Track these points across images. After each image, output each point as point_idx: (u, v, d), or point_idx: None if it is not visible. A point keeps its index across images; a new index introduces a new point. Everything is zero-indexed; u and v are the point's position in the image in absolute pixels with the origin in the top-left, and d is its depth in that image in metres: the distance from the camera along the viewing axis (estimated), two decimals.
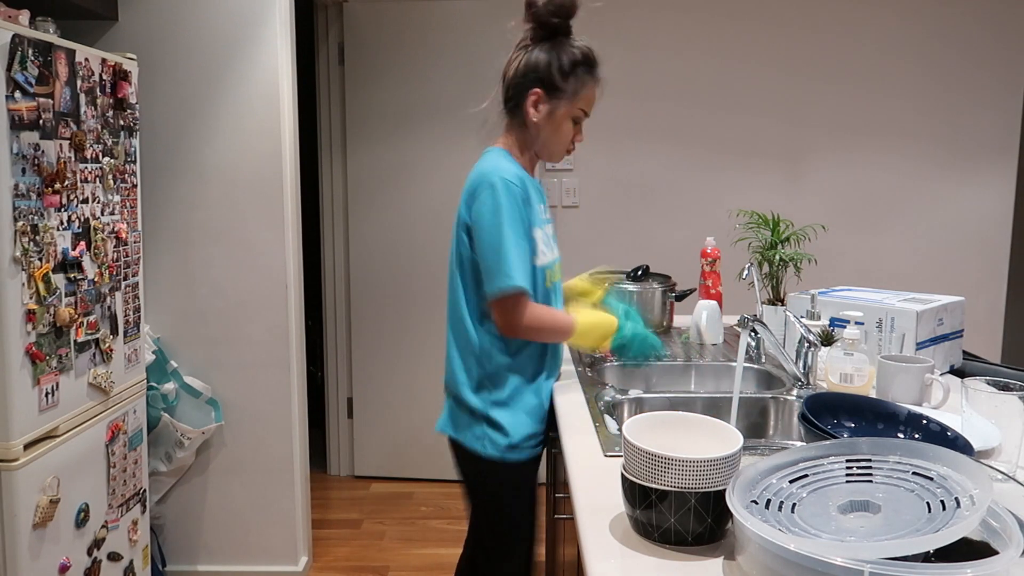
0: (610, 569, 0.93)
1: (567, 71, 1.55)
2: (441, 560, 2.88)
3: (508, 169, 1.54)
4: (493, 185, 1.51)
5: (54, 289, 1.83)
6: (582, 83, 1.57)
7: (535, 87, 1.57)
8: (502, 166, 1.55)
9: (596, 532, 1.02)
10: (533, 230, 1.57)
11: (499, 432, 1.59)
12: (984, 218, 3.49)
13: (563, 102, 1.57)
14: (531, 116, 1.59)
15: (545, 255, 1.61)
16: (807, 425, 1.18)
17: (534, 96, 1.57)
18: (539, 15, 1.56)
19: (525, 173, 1.61)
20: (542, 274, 1.61)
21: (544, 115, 1.58)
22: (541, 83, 1.56)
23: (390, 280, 3.46)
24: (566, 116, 1.59)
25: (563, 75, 1.55)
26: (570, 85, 1.56)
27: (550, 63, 1.55)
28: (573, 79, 1.56)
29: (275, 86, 2.48)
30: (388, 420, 3.54)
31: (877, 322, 1.76)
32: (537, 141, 1.62)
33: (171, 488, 2.61)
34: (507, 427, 1.59)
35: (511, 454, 1.60)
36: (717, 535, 0.98)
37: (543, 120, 1.59)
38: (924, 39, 3.39)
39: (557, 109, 1.58)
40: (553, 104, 1.57)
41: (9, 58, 1.65)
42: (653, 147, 3.46)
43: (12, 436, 1.73)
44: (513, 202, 1.50)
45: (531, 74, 1.57)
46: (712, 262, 2.24)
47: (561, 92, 1.56)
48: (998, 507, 0.86)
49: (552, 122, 1.59)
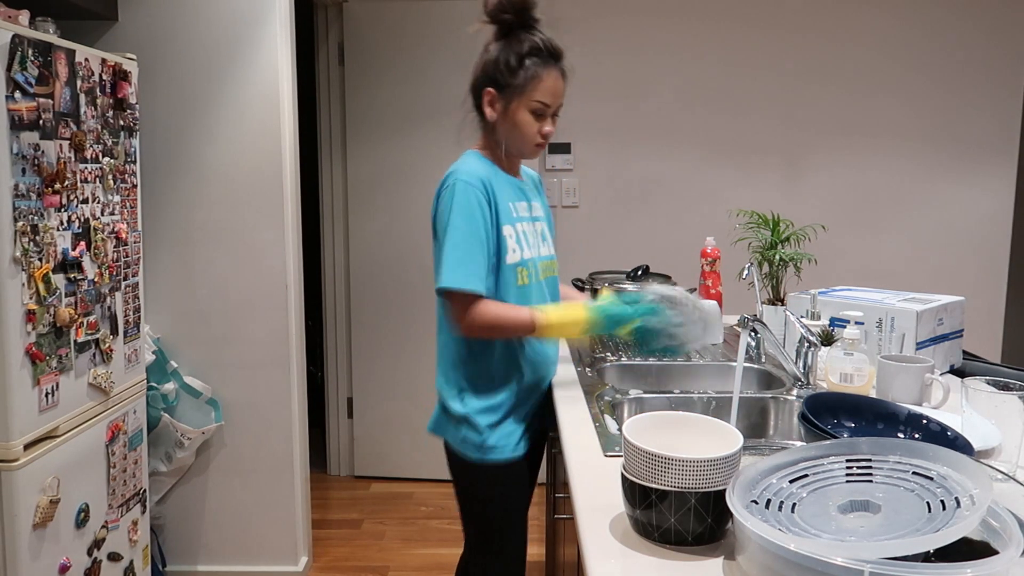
0: (610, 569, 0.93)
1: (514, 66, 1.55)
2: (441, 560, 2.88)
3: (469, 170, 1.55)
4: (450, 186, 1.53)
5: (54, 289, 1.83)
6: (533, 75, 1.55)
7: (487, 86, 1.58)
8: (464, 167, 1.55)
9: (596, 532, 1.02)
10: (501, 227, 1.56)
11: (475, 433, 1.60)
12: (984, 218, 3.49)
13: (515, 96, 1.56)
14: (488, 115, 1.60)
15: (516, 252, 1.59)
16: (807, 425, 1.18)
17: (487, 95, 1.59)
18: (491, 14, 1.57)
19: (494, 172, 1.60)
20: (512, 272, 1.59)
21: (499, 113, 1.59)
22: (492, 81, 1.57)
23: (390, 280, 3.46)
24: (520, 110, 1.57)
25: (511, 70, 1.55)
26: (519, 78, 1.55)
27: (498, 60, 1.56)
28: (522, 72, 1.55)
29: (275, 86, 2.48)
30: (388, 420, 3.54)
31: (877, 322, 1.76)
32: (500, 139, 1.61)
33: (171, 488, 2.61)
34: (482, 428, 1.60)
35: (490, 455, 1.60)
36: (717, 535, 0.98)
37: (500, 118, 1.59)
38: (924, 40, 3.39)
39: (509, 104, 1.57)
40: (505, 100, 1.57)
41: (9, 58, 1.65)
42: (653, 147, 3.46)
43: (12, 436, 1.73)
44: (465, 202, 1.50)
45: (483, 74, 1.59)
46: (712, 262, 2.24)
47: (511, 87, 1.56)
48: (998, 507, 0.86)
49: (508, 119, 1.58)
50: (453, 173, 1.55)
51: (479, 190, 1.53)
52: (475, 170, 1.56)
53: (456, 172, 1.55)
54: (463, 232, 1.50)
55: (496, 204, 1.56)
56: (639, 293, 1.59)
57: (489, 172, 1.59)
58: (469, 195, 1.51)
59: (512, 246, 1.58)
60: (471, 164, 1.58)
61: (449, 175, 1.55)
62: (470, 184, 1.52)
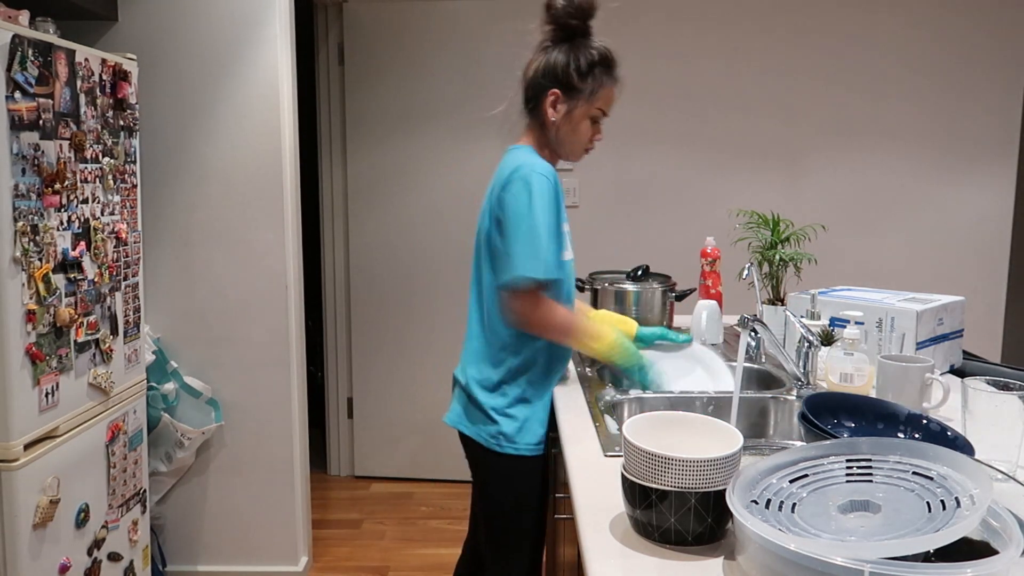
0: (610, 569, 0.93)
1: (584, 72, 1.57)
2: (441, 560, 2.88)
3: (540, 164, 1.57)
4: (526, 178, 1.52)
5: (54, 289, 1.83)
6: (600, 83, 1.59)
7: (553, 87, 1.59)
8: (534, 161, 1.57)
9: (596, 532, 1.02)
10: (562, 225, 1.60)
11: (513, 423, 1.61)
12: (984, 218, 3.49)
13: (581, 102, 1.59)
14: (549, 116, 1.60)
15: (569, 251, 1.65)
16: (807, 425, 1.18)
17: (552, 96, 1.59)
18: (557, 16, 1.58)
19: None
20: (569, 269, 1.65)
21: (562, 115, 1.60)
22: (559, 83, 1.58)
23: (390, 280, 3.46)
24: (584, 116, 1.61)
25: (580, 75, 1.57)
26: (588, 85, 1.58)
27: (568, 64, 1.57)
28: (591, 79, 1.58)
29: (275, 86, 2.48)
30: (388, 420, 3.54)
31: (877, 322, 1.76)
32: (555, 140, 1.64)
33: (171, 488, 2.61)
34: (520, 420, 1.62)
35: (526, 448, 1.63)
36: (717, 535, 0.98)
37: (561, 120, 1.60)
38: (924, 41, 3.38)
39: (575, 109, 1.60)
40: (571, 104, 1.59)
41: (9, 58, 1.65)
42: (653, 147, 3.46)
43: (12, 436, 1.73)
44: (543, 193, 1.52)
45: (549, 75, 1.59)
46: (712, 262, 2.24)
47: (579, 92, 1.58)
48: (998, 507, 0.86)
49: (570, 121, 1.61)
50: (526, 165, 1.54)
51: (553, 184, 1.55)
52: (546, 165, 1.57)
53: (529, 165, 1.54)
54: (550, 225, 1.51)
55: (560, 202, 1.59)
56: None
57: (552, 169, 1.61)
58: (546, 187, 1.52)
59: (568, 244, 1.64)
60: (537, 159, 1.59)
61: (521, 167, 1.55)
62: (546, 177, 1.54)
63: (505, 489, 1.67)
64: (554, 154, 1.67)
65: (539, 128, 1.65)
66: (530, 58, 1.63)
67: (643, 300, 2.21)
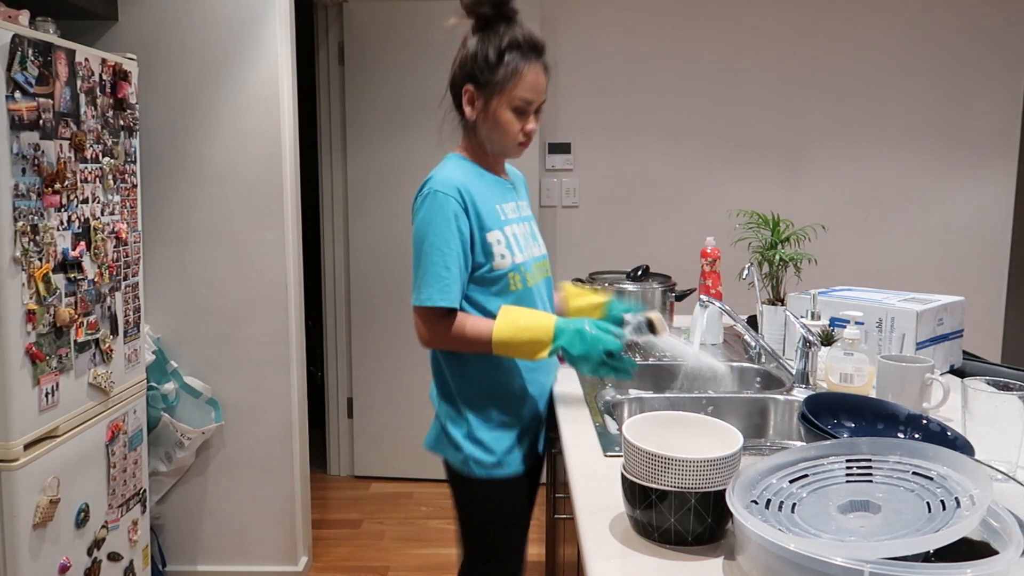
0: (610, 569, 0.93)
1: (494, 61, 1.46)
2: (441, 560, 2.88)
3: (445, 178, 1.47)
4: (424, 196, 1.47)
5: (54, 289, 1.83)
6: (513, 70, 1.46)
7: (466, 83, 1.50)
8: (440, 175, 1.48)
9: (596, 532, 1.02)
10: (486, 234, 1.49)
11: (480, 451, 1.54)
12: (984, 218, 3.49)
13: (495, 93, 1.47)
14: (468, 114, 1.52)
15: (506, 258, 1.51)
16: (807, 425, 1.18)
17: (467, 93, 1.50)
18: (469, 6, 1.49)
19: (477, 174, 1.54)
20: (503, 279, 1.52)
21: (479, 111, 1.50)
22: (471, 78, 1.49)
23: (390, 280, 3.46)
24: (501, 107, 1.48)
25: (490, 66, 1.46)
26: (499, 75, 1.46)
27: (476, 55, 1.47)
28: (502, 68, 1.46)
29: (275, 86, 2.48)
30: (388, 420, 3.54)
31: (877, 322, 1.76)
32: (482, 138, 1.53)
33: (171, 488, 2.61)
34: (488, 445, 1.54)
35: (496, 471, 1.55)
36: (717, 535, 0.98)
37: (480, 116, 1.51)
38: (924, 41, 3.39)
39: (490, 102, 1.48)
40: (485, 97, 1.49)
41: (9, 58, 1.65)
42: (653, 147, 3.46)
43: (12, 436, 1.73)
44: (439, 215, 1.43)
45: (462, 70, 1.50)
46: (712, 262, 2.24)
47: (491, 84, 1.47)
48: (998, 507, 0.86)
49: (488, 117, 1.50)
50: (429, 181, 1.48)
51: (455, 199, 1.45)
52: (451, 177, 1.48)
53: (432, 180, 1.47)
54: (436, 247, 1.44)
55: (477, 211, 1.48)
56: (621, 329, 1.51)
57: (468, 177, 1.51)
58: (444, 207, 1.44)
59: (501, 251, 1.50)
60: (448, 170, 1.50)
61: (425, 183, 1.48)
62: (445, 194, 1.45)
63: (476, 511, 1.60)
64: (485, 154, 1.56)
65: (466, 128, 1.56)
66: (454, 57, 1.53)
67: (643, 300, 2.22)
